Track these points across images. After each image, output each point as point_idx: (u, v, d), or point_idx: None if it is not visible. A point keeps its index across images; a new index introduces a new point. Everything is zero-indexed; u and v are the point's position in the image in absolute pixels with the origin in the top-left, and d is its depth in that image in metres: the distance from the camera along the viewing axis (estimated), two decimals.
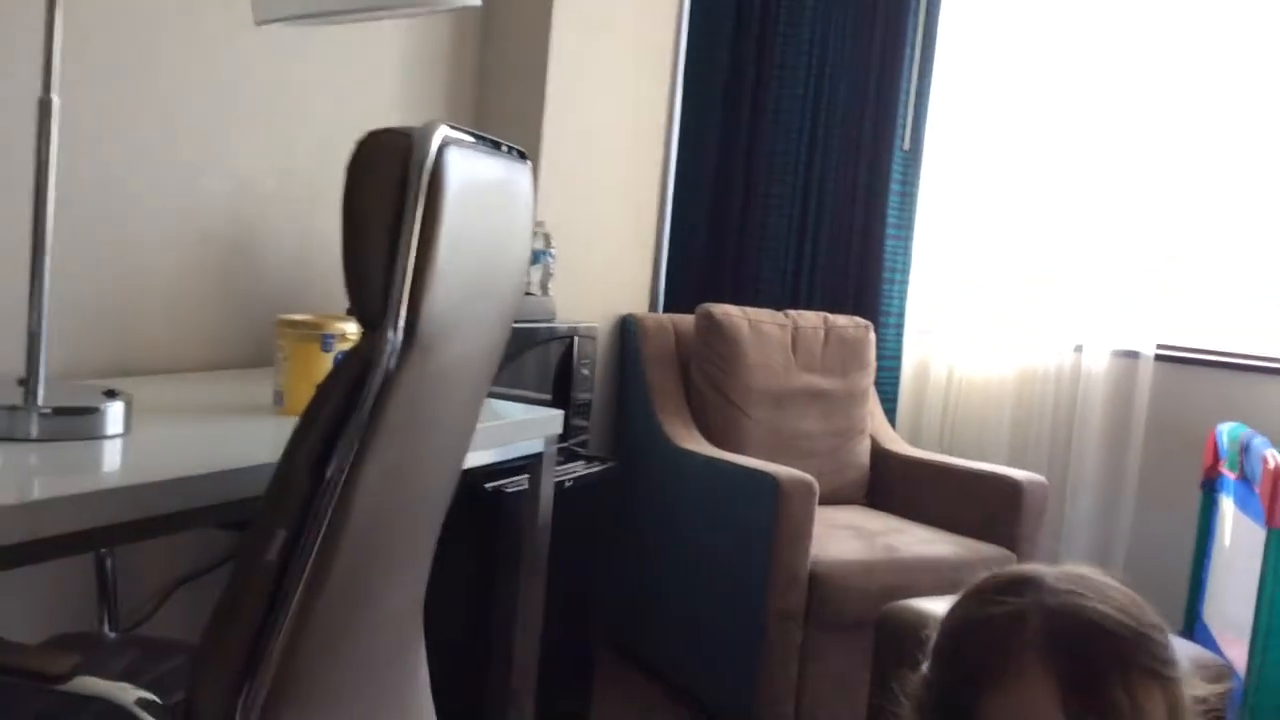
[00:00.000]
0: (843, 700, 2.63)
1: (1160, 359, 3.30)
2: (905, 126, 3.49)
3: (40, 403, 1.37)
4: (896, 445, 3.31)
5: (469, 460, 1.51)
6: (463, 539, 1.96)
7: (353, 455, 1.09)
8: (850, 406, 3.25)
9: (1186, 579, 2.89)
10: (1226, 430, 2.76)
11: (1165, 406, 3.29)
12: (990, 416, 3.45)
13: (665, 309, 3.55)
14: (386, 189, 1.07)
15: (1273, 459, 2.30)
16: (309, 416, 1.10)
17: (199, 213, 2.14)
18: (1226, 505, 2.71)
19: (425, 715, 1.51)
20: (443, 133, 1.10)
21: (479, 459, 1.83)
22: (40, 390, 1.38)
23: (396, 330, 1.08)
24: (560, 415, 2.07)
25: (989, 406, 3.46)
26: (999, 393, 3.45)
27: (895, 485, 3.21)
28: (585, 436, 2.80)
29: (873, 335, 3.35)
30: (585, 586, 2.55)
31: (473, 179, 1.18)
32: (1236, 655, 2.39)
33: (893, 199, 3.49)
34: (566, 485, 2.39)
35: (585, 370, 2.76)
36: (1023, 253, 3.45)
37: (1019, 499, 2.88)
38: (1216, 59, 3.25)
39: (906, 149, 3.50)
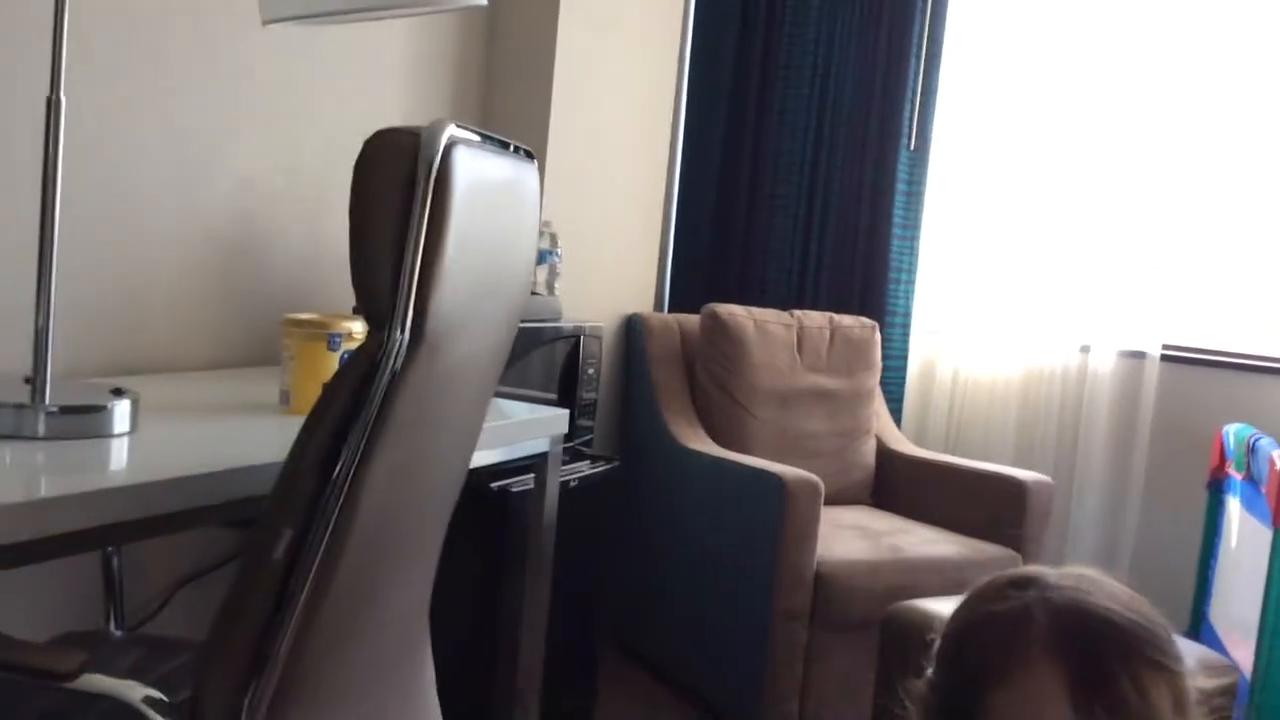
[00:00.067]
0: (848, 700, 2.63)
1: (1167, 359, 3.29)
2: (911, 125, 3.49)
3: (47, 401, 1.37)
4: (902, 445, 3.31)
5: (474, 460, 1.51)
6: (468, 538, 1.95)
7: (359, 454, 1.09)
8: (856, 406, 3.25)
9: (1192, 580, 2.89)
10: (1233, 431, 2.76)
11: (1171, 407, 3.28)
12: (996, 417, 3.45)
13: (670, 309, 3.55)
14: (394, 188, 1.07)
15: (1279, 460, 2.29)
16: (316, 415, 1.10)
17: (205, 212, 2.14)
18: (1233, 506, 2.71)
19: (431, 714, 1.51)
20: (450, 131, 1.10)
21: (485, 458, 1.83)
22: (47, 389, 1.38)
23: (404, 329, 1.08)
24: (566, 415, 2.07)
25: (994, 406, 3.46)
26: (1004, 393, 3.45)
27: (901, 485, 3.21)
28: (590, 436, 2.79)
29: (878, 335, 3.34)
30: (591, 586, 2.55)
31: (480, 178, 1.18)
32: (1242, 656, 2.39)
33: (899, 198, 3.49)
34: (572, 485, 2.39)
35: (591, 370, 2.76)
36: (1029, 252, 3.44)
37: (1024, 499, 2.87)
38: (1223, 57, 3.24)
39: (912, 148, 3.50)
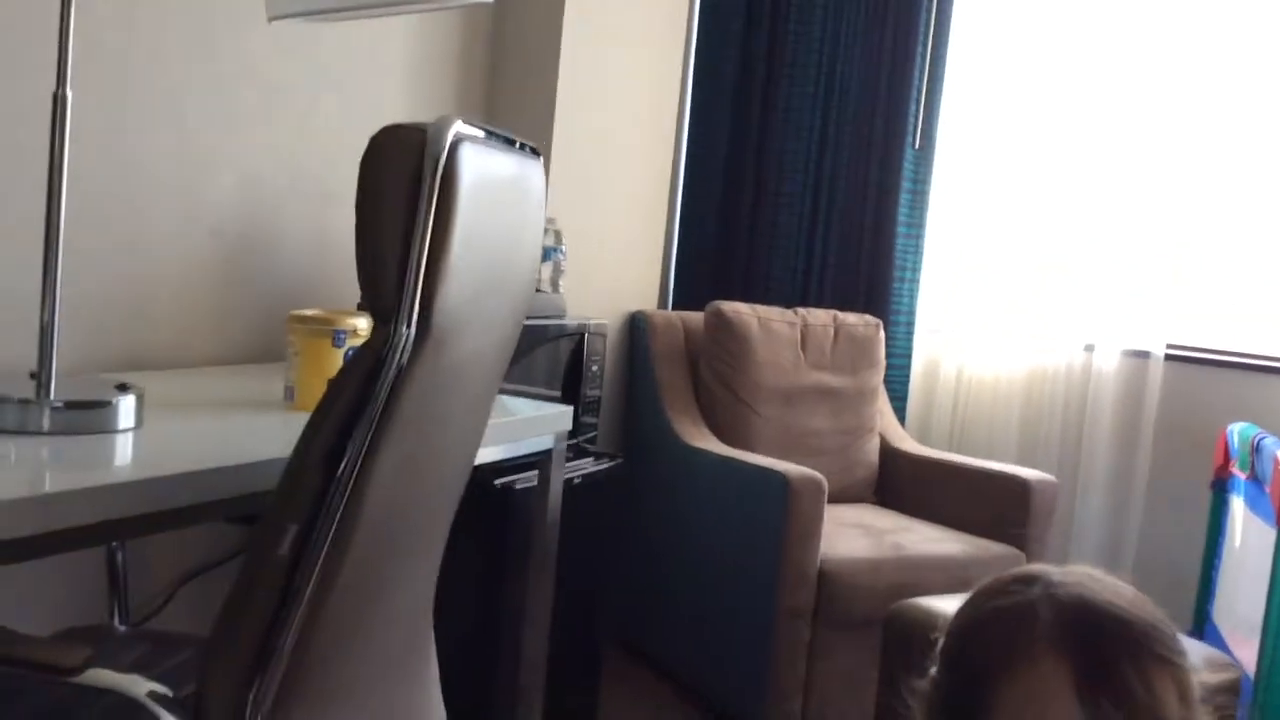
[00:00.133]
0: (851, 698, 2.63)
1: (1171, 359, 3.29)
2: (916, 124, 3.48)
3: (52, 396, 1.37)
4: (906, 444, 3.31)
5: (479, 456, 1.51)
6: (472, 535, 1.96)
7: (365, 450, 1.09)
8: (860, 405, 3.25)
9: (1196, 579, 2.88)
10: (1237, 430, 2.75)
11: (1175, 406, 3.28)
12: (999, 415, 3.45)
13: (675, 306, 3.55)
14: (401, 184, 1.07)
15: None
16: (322, 411, 1.10)
17: (210, 208, 2.14)
18: (1237, 505, 2.71)
19: (435, 710, 1.51)
20: (457, 128, 1.10)
21: (489, 455, 1.83)
22: (52, 384, 1.38)
23: (410, 325, 1.08)
24: (570, 412, 2.07)
25: (998, 405, 3.45)
26: (1008, 391, 3.44)
27: (904, 484, 3.20)
28: (594, 433, 2.79)
29: (882, 333, 3.34)
30: (594, 583, 2.55)
31: (486, 174, 1.18)
32: (1246, 655, 2.39)
33: (904, 197, 3.48)
34: (576, 482, 2.39)
35: (595, 367, 2.76)
36: (1033, 251, 3.44)
37: (1028, 498, 2.87)
38: (1231, 53, 3.23)
39: (918, 147, 3.50)
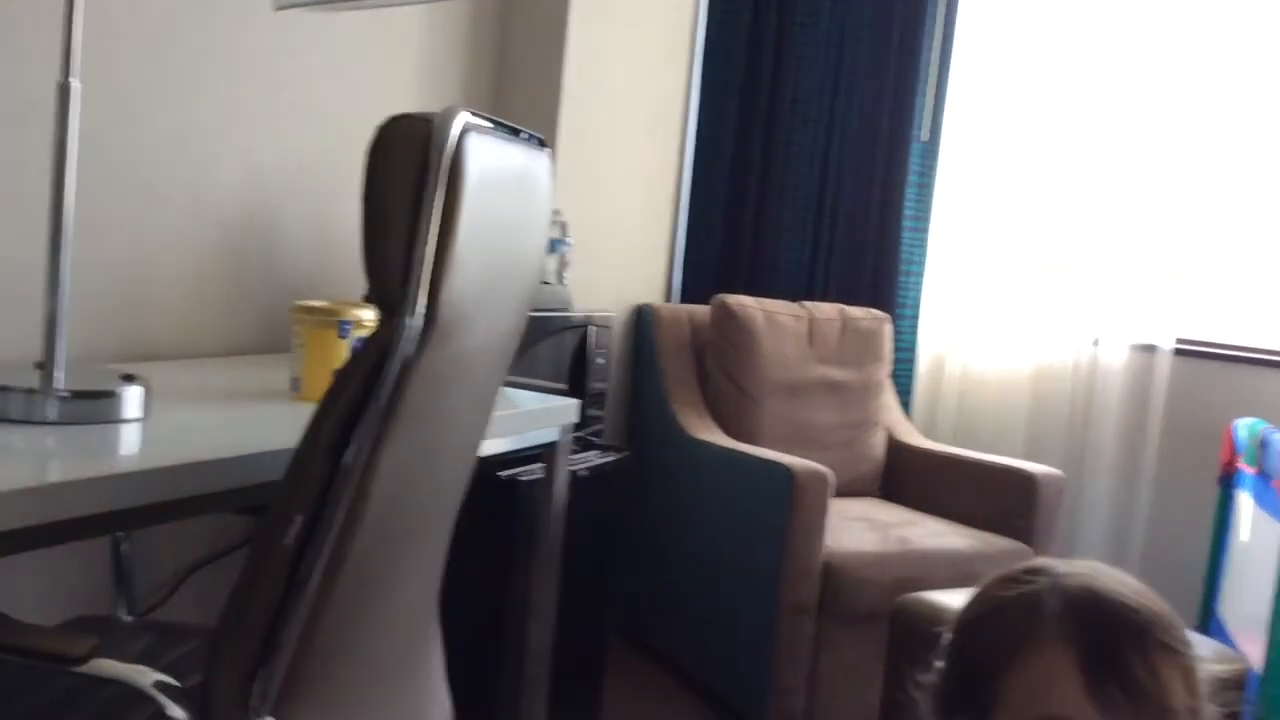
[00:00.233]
0: (856, 692, 2.62)
1: (1178, 353, 3.28)
2: (923, 117, 3.47)
3: (58, 386, 1.37)
4: (911, 438, 3.30)
5: (484, 448, 1.50)
6: (478, 527, 1.95)
7: (371, 441, 1.09)
8: (865, 398, 3.24)
9: (1202, 574, 2.87)
10: (1245, 425, 2.74)
11: (1183, 401, 3.27)
12: (1006, 409, 3.44)
13: (681, 299, 3.54)
14: (407, 174, 1.06)
15: None
16: (327, 402, 1.10)
17: (217, 199, 2.14)
18: (1244, 500, 2.70)
19: (440, 701, 1.52)
20: (463, 118, 1.09)
21: (494, 447, 1.83)
22: (58, 374, 1.38)
23: (415, 316, 1.08)
24: (575, 404, 2.07)
25: (1004, 399, 3.45)
26: (1015, 386, 3.43)
27: (910, 478, 3.20)
28: (600, 426, 2.79)
29: (889, 327, 3.33)
30: (599, 576, 2.55)
31: (492, 165, 1.17)
32: (1252, 651, 2.38)
33: (910, 191, 3.47)
34: (581, 474, 2.39)
35: (600, 360, 2.76)
36: (1041, 245, 3.42)
37: (1034, 492, 2.86)
38: (1239, 47, 3.22)
39: (925, 140, 3.48)
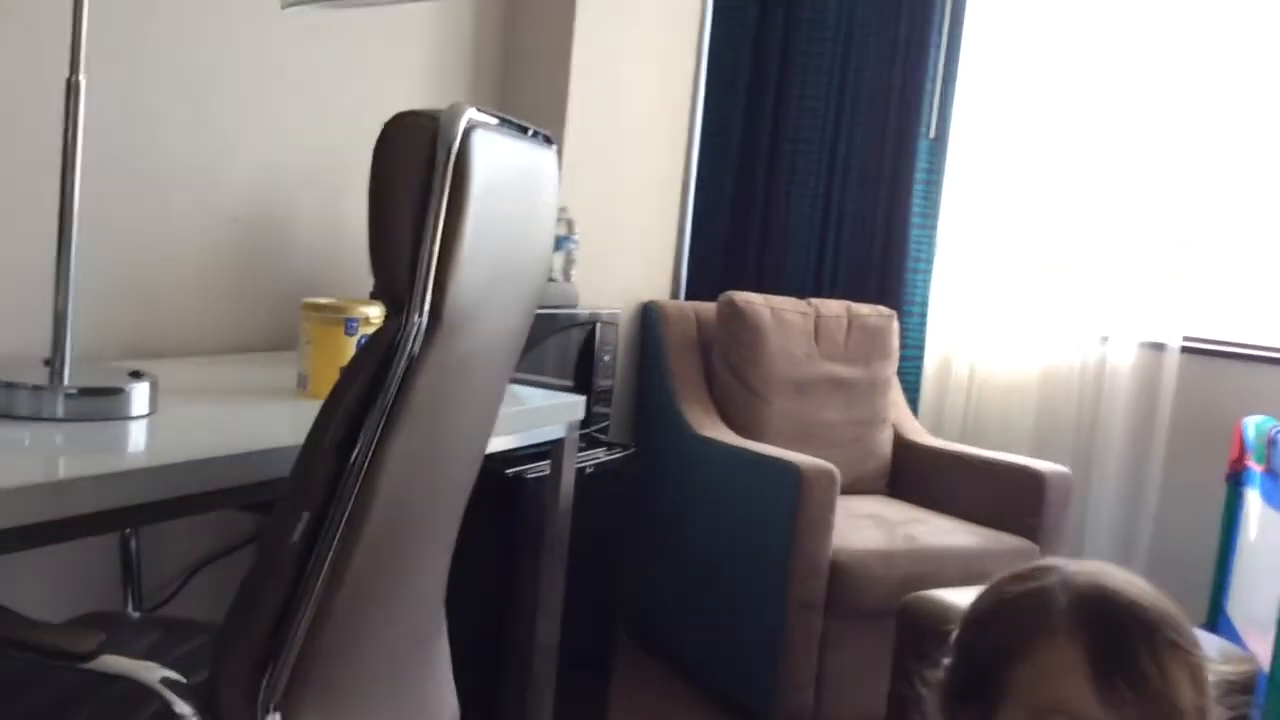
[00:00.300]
0: (863, 689, 2.62)
1: (1187, 351, 3.27)
2: (931, 114, 3.46)
3: (66, 383, 1.38)
4: (919, 435, 3.30)
5: (490, 445, 1.50)
6: (484, 524, 1.96)
7: (377, 438, 1.09)
8: (872, 396, 3.24)
9: (1210, 573, 2.87)
10: (1253, 423, 2.73)
11: (1191, 399, 3.26)
12: (1013, 407, 3.43)
13: (687, 296, 3.54)
14: (413, 171, 1.06)
15: None
16: (334, 399, 1.10)
17: (224, 195, 2.14)
18: (1252, 499, 2.69)
19: (447, 697, 1.52)
20: (470, 115, 1.09)
21: (501, 444, 1.83)
22: (66, 370, 1.39)
23: (422, 313, 1.08)
24: (582, 401, 2.07)
25: (1012, 396, 3.44)
26: (1022, 383, 3.43)
27: (917, 475, 3.19)
28: (606, 423, 2.79)
29: (896, 324, 3.33)
30: (605, 572, 2.55)
31: (499, 162, 1.17)
32: (1261, 649, 2.37)
33: (918, 187, 3.47)
34: (587, 471, 2.39)
35: (607, 357, 2.76)
36: (1049, 243, 3.41)
37: (1042, 491, 2.86)
38: (1249, 41, 3.21)
39: (932, 137, 3.48)
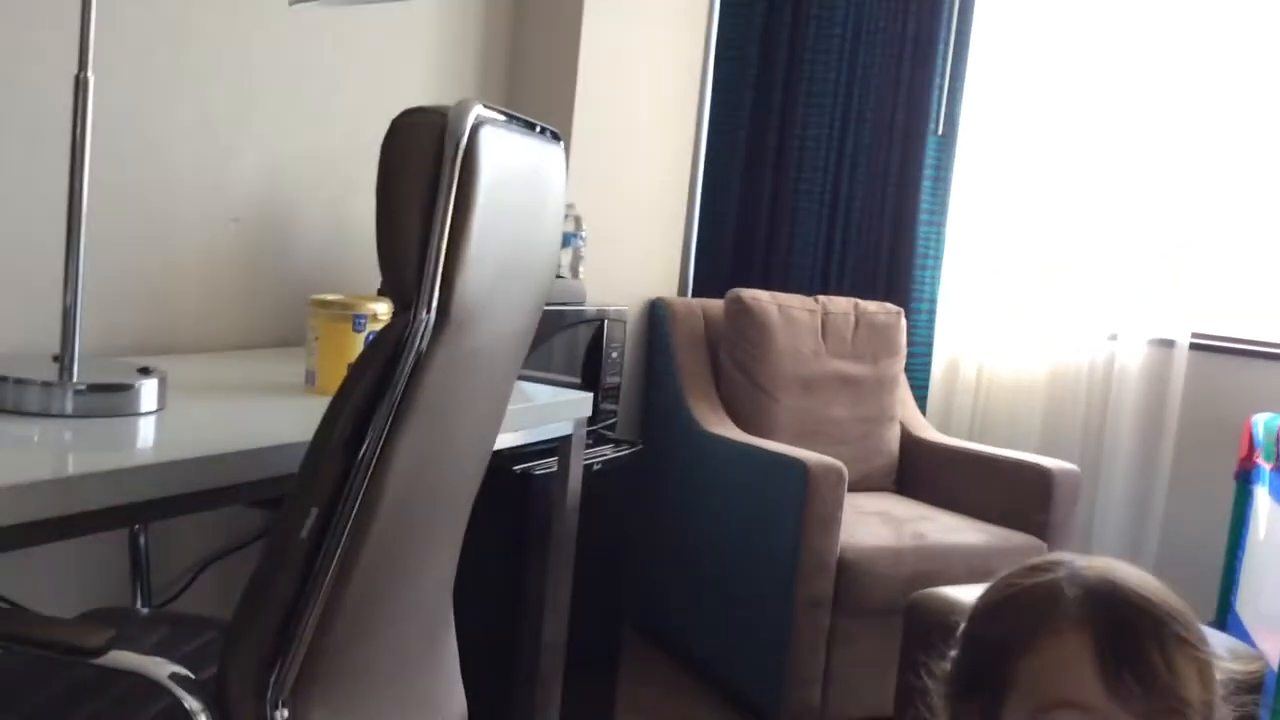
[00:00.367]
0: (871, 686, 2.62)
1: (1196, 348, 3.25)
2: (939, 110, 3.45)
3: (75, 379, 1.38)
4: (926, 432, 3.29)
5: (498, 442, 1.51)
6: (492, 521, 1.96)
7: (385, 435, 1.09)
8: (880, 393, 3.23)
9: (1219, 571, 2.86)
10: (1262, 421, 2.72)
11: (1200, 396, 3.25)
12: (1022, 403, 3.42)
13: (695, 293, 3.54)
14: (421, 167, 1.06)
15: None
16: (342, 395, 1.10)
17: (233, 192, 2.15)
18: (1261, 496, 2.68)
19: (454, 693, 1.52)
20: (477, 111, 1.09)
21: (508, 441, 1.83)
22: (75, 367, 1.39)
23: (430, 310, 1.08)
24: (589, 398, 2.07)
25: (1020, 393, 3.43)
26: (1031, 379, 3.42)
27: (925, 472, 3.19)
28: (614, 420, 2.79)
29: (904, 321, 3.32)
30: (613, 569, 2.55)
31: (506, 159, 1.17)
32: (1270, 647, 2.37)
33: (925, 184, 3.45)
34: (595, 468, 2.39)
35: (614, 354, 2.76)
36: (1056, 240, 3.40)
37: (1050, 488, 2.85)
38: (1258, 36, 3.19)
39: (940, 133, 3.47)
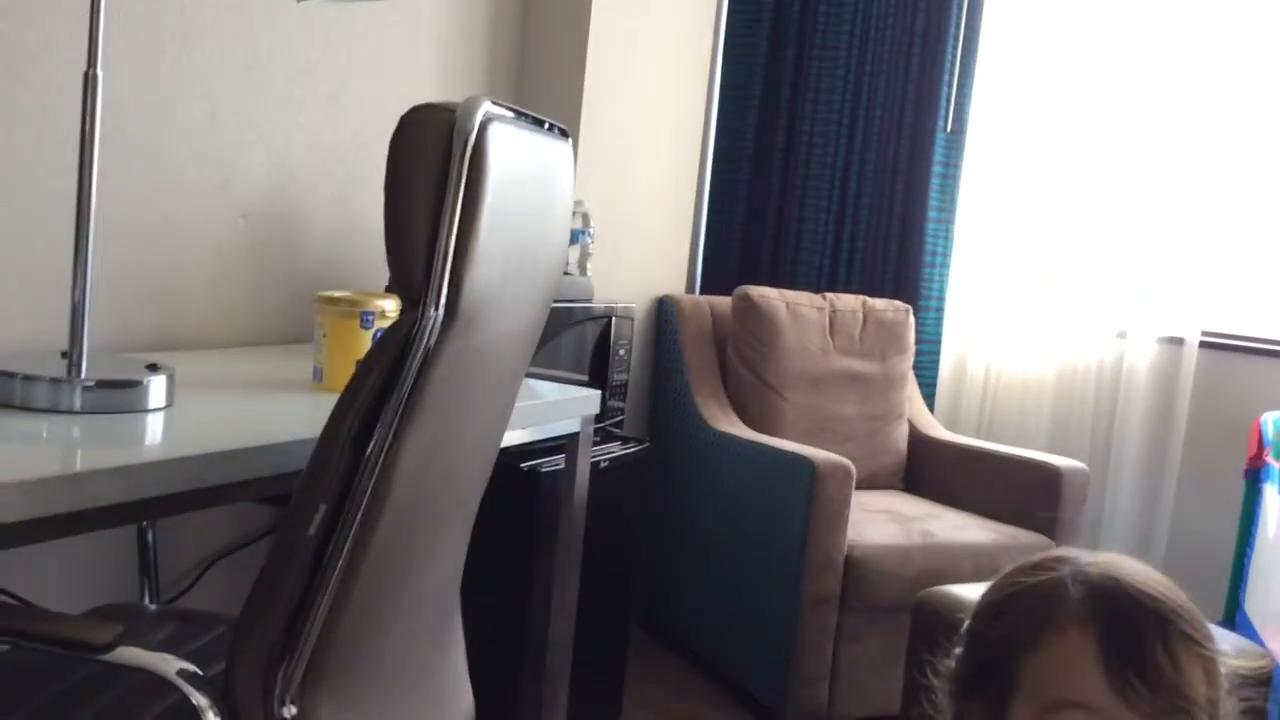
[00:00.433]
0: (878, 684, 2.62)
1: (1205, 346, 3.24)
2: (948, 107, 3.45)
3: (83, 376, 1.38)
4: (934, 430, 3.29)
5: (505, 439, 1.50)
6: (499, 518, 1.96)
7: (393, 432, 1.09)
8: (888, 390, 3.23)
9: (1228, 569, 2.85)
10: (1272, 419, 2.71)
11: (1209, 394, 3.24)
12: (1030, 401, 3.41)
13: (702, 290, 3.53)
14: (430, 164, 1.06)
15: None
16: (350, 392, 1.10)
17: (241, 189, 2.15)
18: (1271, 495, 2.67)
19: (462, 691, 1.52)
20: (486, 108, 1.09)
21: (515, 438, 1.83)
22: (83, 363, 1.39)
23: (438, 306, 1.08)
24: (597, 395, 2.07)
25: (1029, 391, 3.42)
26: (1039, 377, 3.41)
27: (933, 470, 3.18)
28: (621, 417, 2.79)
29: (912, 319, 3.31)
30: (620, 567, 2.55)
31: (515, 155, 1.17)
32: (1278, 646, 2.36)
33: (934, 181, 3.45)
34: (602, 465, 2.39)
35: (622, 351, 2.76)
36: (1065, 238, 3.39)
37: (1059, 486, 2.85)
38: (1268, 32, 3.18)
39: (949, 131, 3.46)
